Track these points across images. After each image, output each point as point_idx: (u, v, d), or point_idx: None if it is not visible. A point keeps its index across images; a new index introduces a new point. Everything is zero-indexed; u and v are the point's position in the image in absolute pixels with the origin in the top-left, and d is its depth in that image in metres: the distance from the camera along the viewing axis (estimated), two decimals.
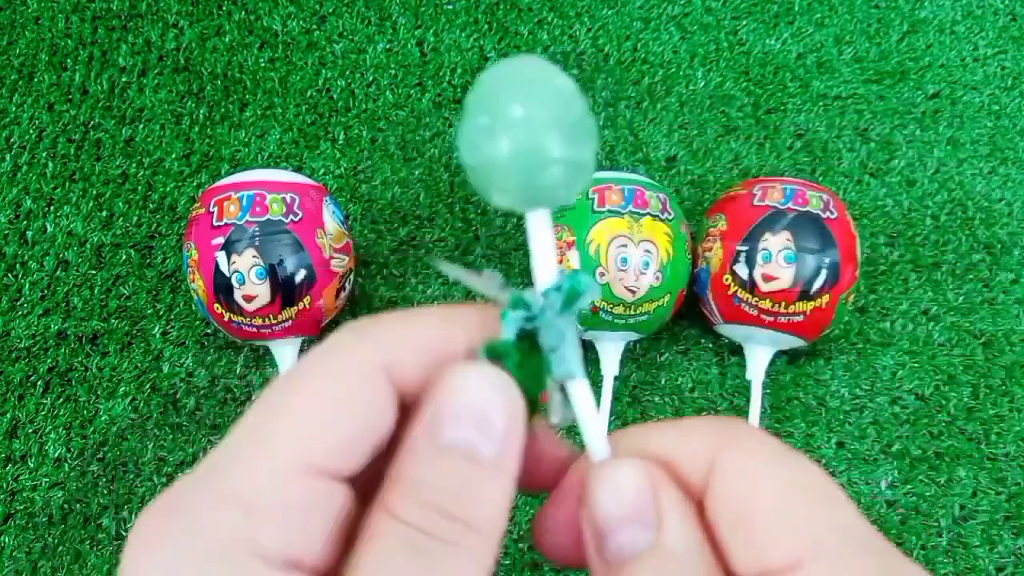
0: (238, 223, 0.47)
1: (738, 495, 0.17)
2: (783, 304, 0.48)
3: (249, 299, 0.47)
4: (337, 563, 0.16)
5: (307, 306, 0.48)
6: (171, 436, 0.53)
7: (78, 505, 0.51)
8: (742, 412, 0.53)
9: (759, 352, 0.51)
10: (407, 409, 0.18)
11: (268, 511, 0.15)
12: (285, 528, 0.15)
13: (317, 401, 0.16)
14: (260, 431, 0.16)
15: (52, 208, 0.59)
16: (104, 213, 0.59)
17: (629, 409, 0.54)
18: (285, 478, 0.16)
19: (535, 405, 0.18)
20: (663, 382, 0.54)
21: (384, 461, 0.17)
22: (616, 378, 0.54)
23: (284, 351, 0.51)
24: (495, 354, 0.17)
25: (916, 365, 0.55)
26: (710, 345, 0.55)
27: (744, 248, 0.49)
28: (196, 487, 0.16)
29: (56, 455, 0.52)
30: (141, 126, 0.62)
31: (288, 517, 0.15)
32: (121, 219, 0.59)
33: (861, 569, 0.16)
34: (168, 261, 0.57)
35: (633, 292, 0.48)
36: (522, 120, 0.17)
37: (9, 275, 0.57)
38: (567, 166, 0.17)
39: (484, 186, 0.18)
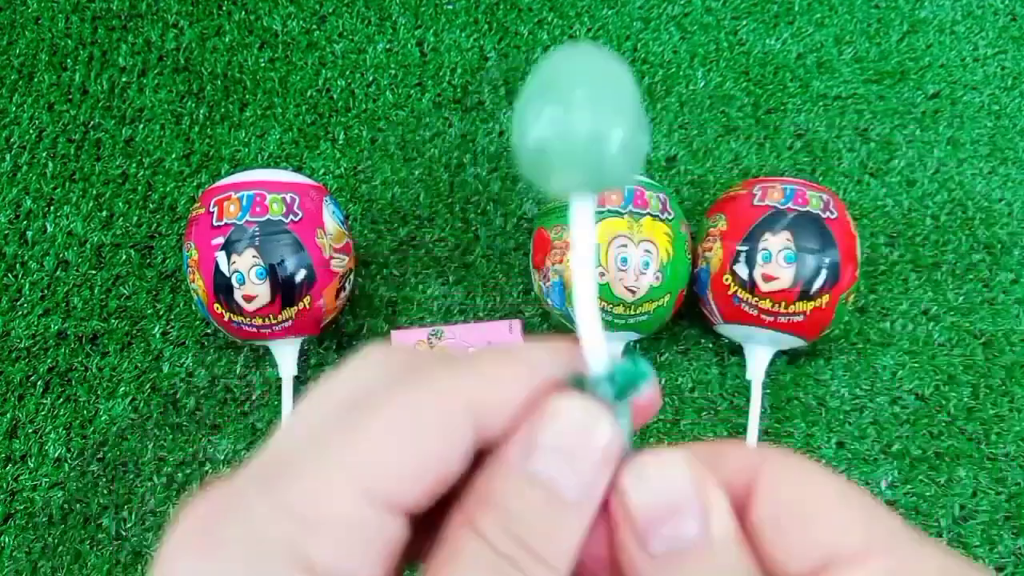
0: (238, 223, 0.47)
1: (790, 498, 0.17)
2: (783, 304, 0.48)
3: (249, 299, 0.47)
4: None
5: (307, 306, 0.48)
6: (171, 436, 0.53)
7: (78, 505, 0.51)
8: (742, 412, 0.53)
9: (759, 352, 0.51)
10: (483, 452, 0.18)
11: (324, 529, 0.15)
12: (338, 548, 0.15)
13: (394, 430, 0.16)
14: (329, 447, 0.16)
15: (52, 208, 0.59)
16: (104, 213, 0.59)
17: None
18: (347, 500, 0.15)
19: None
20: (663, 382, 0.54)
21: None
22: None
23: (284, 351, 0.51)
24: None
25: (916, 365, 0.55)
26: (710, 345, 0.55)
27: (744, 248, 0.49)
28: (254, 489, 0.16)
29: (56, 455, 0.52)
30: (141, 126, 0.62)
31: (343, 539, 0.15)
32: (121, 219, 0.59)
33: (927, 557, 0.16)
34: (168, 261, 0.57)
35: (633, 292, 0.48)
36: (596, 103, 0.17)
37: (9, 275, 0.57)
38: (632, 150, 0.18)
39: (545, 170, 0.18)
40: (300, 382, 0.54)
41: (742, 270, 0.49)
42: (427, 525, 0.18)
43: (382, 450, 0.16)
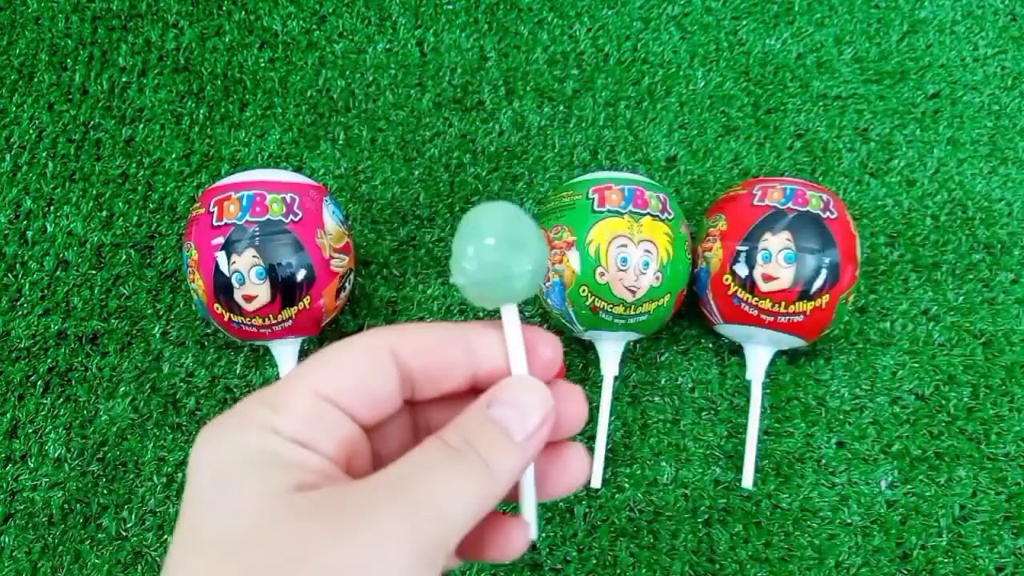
0: (238, 223, 0.47)
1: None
2: (783, 304, 0.48)
3: (249, 299, 0.47)
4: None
5: (307, 306, 0.48)
6: (171, 436, 0.53)
7: (78, 505, 0.51)
8: (742, 412, 0.53)
9: (759, 352, 0.51)
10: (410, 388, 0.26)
11: (285, 411, 0.23)
12: (295, 420, 0.23)
13: (336, 358, 0.24)
14: (294, 371, 0.24)
15: (52, 208, 0.59)
16: (104, 213, 0.59)
17: (629, 409, 0.54)
18: (301, 394, 0.23)
19: None
20: (663, 382, 0.54)
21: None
22: (616, 378, 0.54)
23: (284, 351, 0.51)
24: None
25: (916, 365, 0.55)
26: (710, 345, 0.55)
27: (744, 248, 0.49)
28: (251, 400, 0.24)
29: (56, 455, 0.52)
30: (141, 126, 0.62)
31: (299, 415, 0.23)
32: (121, 219, 0.59)
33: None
34: (168, 261, 0.57)
35: (633, 292, 0.48)
36: (493, 247, 0.25)
37: (9, 275, 0.57)
38: (538, 274, 0.25)
39: (476, 298, 0.26)
40: None
41: (742, 270, 0.49)
42: None
43: (328, 369, 0.24)
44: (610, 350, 0.52)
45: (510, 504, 0.27)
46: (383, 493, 0.21)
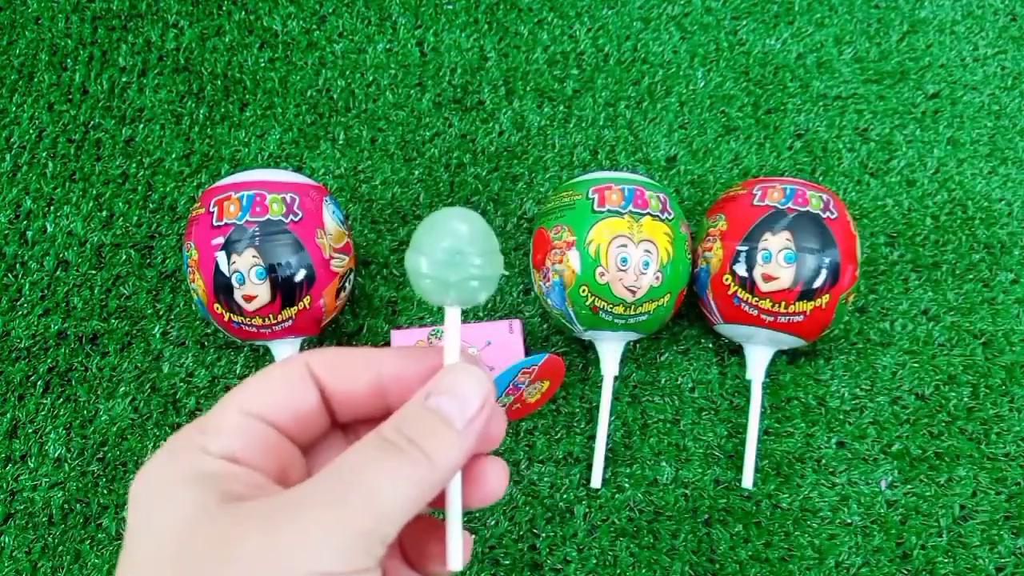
0: (238, 223, 0.47)
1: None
2: (783, 304, 0.48)
3: (249, 299, 0.47)
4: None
5: (307, 306, 0.48)
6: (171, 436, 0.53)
7: (78, 505, 0.51)
8: (742, 412, 0.53)
9: (759, 352, 0.51)
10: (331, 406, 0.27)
11: (212, 427, 0.24)
12: (223, 438, 0.24)
13: (258, 378, 0.25)
14: (221, 399, 0.25)
15: (52, 208, 0.59)
16: (104, 213, 0.59)
17: (629, 409, 0.54)
18: (228, 413, 0.24)
19: None
20: (663, 382, 0.54)
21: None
22: (616, 378, 0.54)
23: (284, 351, 0.51)
24: None
25: (916, 365, 0.55)
26: (710, 345, 0.55)
27: (744, 248, 0.49)
28: (177, 432, 0.25)
29: (56, 455, 0.52)
30: (141, 126, 0.62)
31: (224, 432, 0.24)
32: (121, 219, 0.59)
33: None
34: (168, 261, 0.57)
35: (633, 292, 0.48)
36: (446, 249, 0.26)
37: (9, 275, 0.57)
38: (486, 282, 0.26)
39: (428, 295, 0.27)
40: None
41: (742, 270, 0.49)
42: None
43: (251, 388, 0.25)
44: (610, 350, 0.51)
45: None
46: (312, 488, 0.22)
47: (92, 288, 0.57)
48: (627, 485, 0.52)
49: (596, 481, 0.51)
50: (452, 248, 0.25)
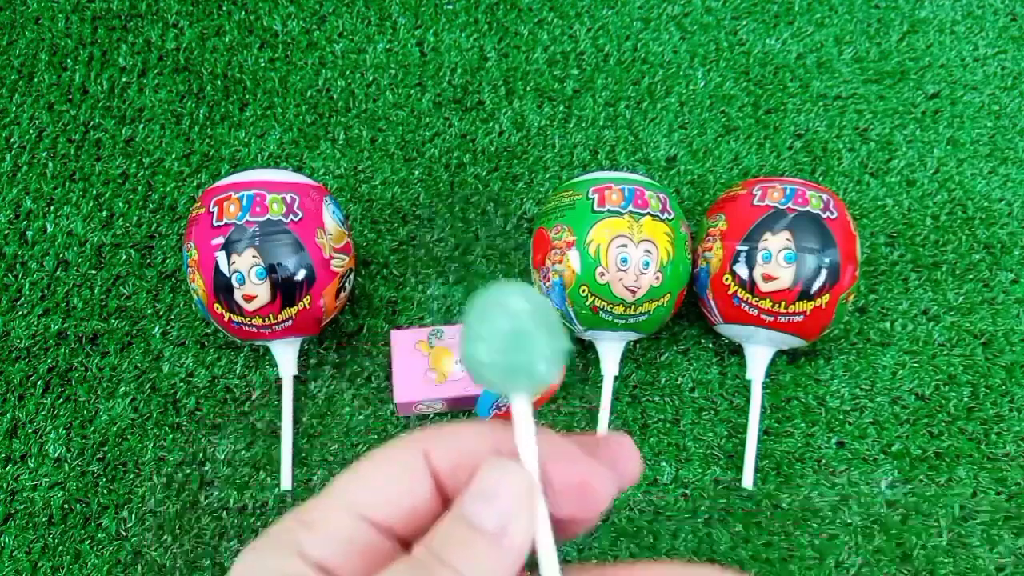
0: (238, 223, 0.47)
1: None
2: (783, 304, 0.48)
3: (249, 299, 0.47)
4: None
5: (307, 306, 0.48)
6: (171, 436, 0.53)
7: (78, 505, 0.51)
8: (742, 412, 0.53)
9: (759, 352, 0.51)
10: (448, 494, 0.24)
11: (317, 523, 0.22)
12: (327, 541, 0.22)
13: (372, 471, 0.23)
14: (330, 486, 0.23)
15: (52, 208, 0.59)
16: (104, 213, 0.59)
17: (629, 409, 0.54)
18: (337, 512, 0.22)
19: None
20: (663, 382, 0.54)
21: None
22: (616, 378, 0.54)
23: (284, 351, 0.51)
24: None
25: (916, 365, 0.55)
26: (710, 345, 0.55)
27: (744, 248, 0.49)
28: (285, 515, 0.23)
29: (56, 455, 0.52)
30: (141, 126, 0.62)
31: (329, 536, 0.22)
32: (121, 219, 0.59)
33: None
34: (168, 261, 0.57)
35: (633, 292, 0.48)
36: (511, 332, 0.23)
37: (9, 275, 0.57)
38: (554, 363, 0.23)
39: (491, 385, 0.24)
40: (300, 382, 0.54)
41: (742, 270, 0.49)
42: None
43: (364, 483, 0.23)
44: (610, 350, 0.51)
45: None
46: None
47: (92, 288, 0.57)
48: None
49: None
50: (513, 329, 0.23)
